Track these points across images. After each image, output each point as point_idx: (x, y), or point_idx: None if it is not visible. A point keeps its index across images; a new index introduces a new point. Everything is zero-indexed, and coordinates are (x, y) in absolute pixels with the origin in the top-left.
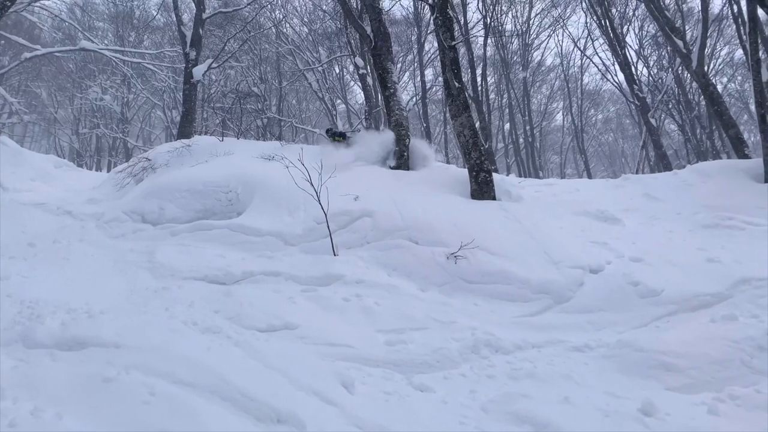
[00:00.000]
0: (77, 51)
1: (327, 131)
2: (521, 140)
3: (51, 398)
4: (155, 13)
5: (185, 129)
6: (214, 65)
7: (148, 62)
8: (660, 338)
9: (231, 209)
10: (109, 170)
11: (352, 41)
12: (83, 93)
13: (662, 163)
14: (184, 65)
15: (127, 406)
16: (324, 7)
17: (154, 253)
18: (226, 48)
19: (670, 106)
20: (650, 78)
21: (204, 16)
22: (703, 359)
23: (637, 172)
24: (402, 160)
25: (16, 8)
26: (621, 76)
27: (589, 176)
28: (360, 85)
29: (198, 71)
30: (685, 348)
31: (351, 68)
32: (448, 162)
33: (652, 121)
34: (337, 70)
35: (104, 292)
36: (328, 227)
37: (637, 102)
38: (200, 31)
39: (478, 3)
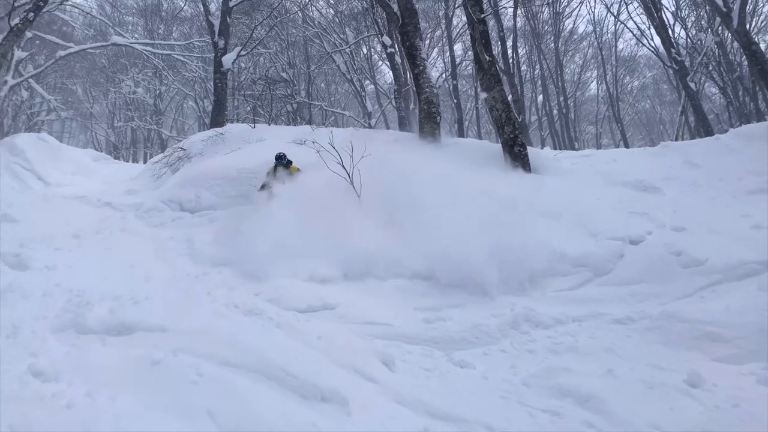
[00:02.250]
0: (109, 46)
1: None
2: (555, 112)
3: (103, 381)
4: (183, 4)
5: (217, 118)
6: (242, 53)
7: (178, 54)
8: (705, 308)
9: (265, 194)
10: (145, 161)
11: (379, 20)
12: (117, 87)
13: (703, 128)
14: (213, 55)
15: (176, 387)
16: None
17: (193, 240)
18: (253, 35)
19: (710, 68)
20: (688, 40)
21: (231, 4)
22: (751, 329)
23: (676, 139)
24: (433, 138)
25: (49, 8)
26: (657, 40)
27: (626, 146)
28: (388, 64)
29: (227, 60)
30: (731, 318)
31: (379, 48)
32: (480, 137)
33: (692, 85)
34: (365, 51)
35: (147, 279)
36: (360, 205)
37: (675, 66)
38: (228, 19)
39: None
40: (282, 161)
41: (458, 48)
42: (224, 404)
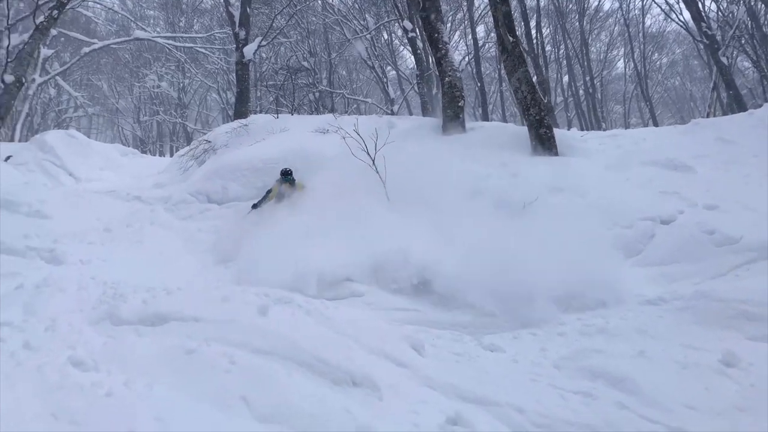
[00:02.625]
0: (132, 41)
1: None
2: (581, 92)
3: (140, 370)
4: None
5: (241, 109)
6: (263, 43)
7: (200, 46)
8: (740, 287)
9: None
10: (171, 155)
11: (399, 5)
12: (141, 82)
13: (736, 103)
14: (234, 46)
15: (210, 374)
16: None
17: (221, 231)
18: (273, 24)
19: (743, 41)
20: (719, 13)
21: None
22: None
23: (708, 116)
24: (456, 122)
25: (72, 5)
26: (687, 14)
27: (656, 124)
28: (410, 49)
29: (248, 50)
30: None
31: (399, 33)
32: (505, 120)
33: (723, 59)
34: (386, 36)
35: (178, 270)
36: (387, 195)
37: (705, 40)
38: (248, 9)
39: None
40: (288, 177)
41: (480, 30)
42: (258, 391)
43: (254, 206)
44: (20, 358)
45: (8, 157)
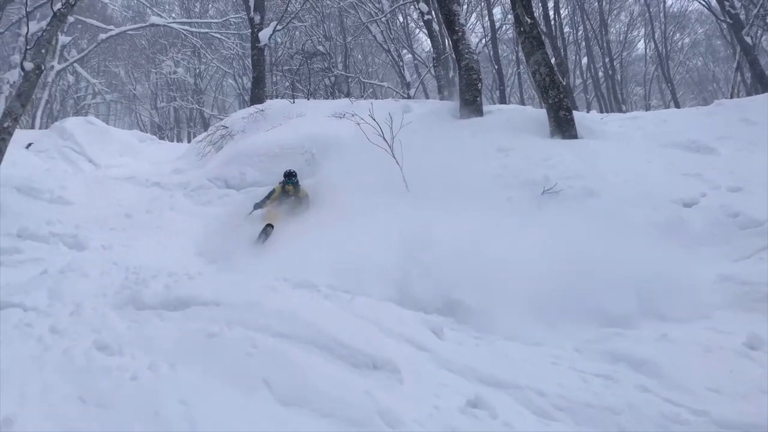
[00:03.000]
0: (148, 27)
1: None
2: (600, 74)
3: (163, 353)
4: None
5: (257, 94)
6: (278, 27)
7: (215, 31)
8: (764, 270)
9: (308, 170)
10: (189, 141)
11: None
12: (158, 68)
13: (760, 84)
14: (249, 31)
15: (232, 358)
16: None
17: (241, 216)
18: (288, 8)
19: None
20: None
21: None
22: None
23: (731, 97)
24: (474, 106)
25: None
26: None
27: (677, 106)
28: (426, 32)
29: (264, 35)
30: None
31: (415, 15)
32: (523, 103)
33: (747, 39)
34: (401, 19)
35: (199, 255)
36: (404, 180)
37: (728, 20)
38: None
39: None
40: (292, 180)
41: (497, 11)
42: (280, 374)
43: (256, 206)
44: (47, 342)
45: (29, 144)
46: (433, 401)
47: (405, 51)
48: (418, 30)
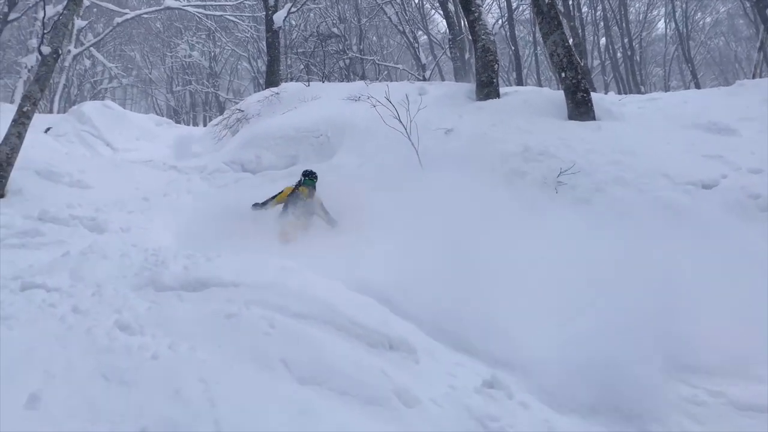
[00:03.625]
0: (163, 10)
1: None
2: (619, 55)
3: (183, 334)
4: None
5: (272, 77)
6: (292, 9)
7: (230, 14)
8: None
9: (323, 153)
10: (205, 124)
11: None
12: (173, 51)
13: None
14: (264, 13)
15: (250, 337)
16: None
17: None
18: None
19: None
20: None
21: None
22: None
23: (753, 77)
24: (490, 87)
25: None
26: None
27: (698, 87)
28: (441, 13)
29: (278, 17)
30: None
31: None
32: (540, 85)
33: None
34: (416, 0)
35: (216, 237)
36: (420, 162)
37: None
38: None
39: None
40: (312, 180)
41: None
42: (297, 353)
43: (255, 206)
44: (70, 322)
45: (48, 129)
46: (449, 381)
47: (420, 32)
48: (433, 11)
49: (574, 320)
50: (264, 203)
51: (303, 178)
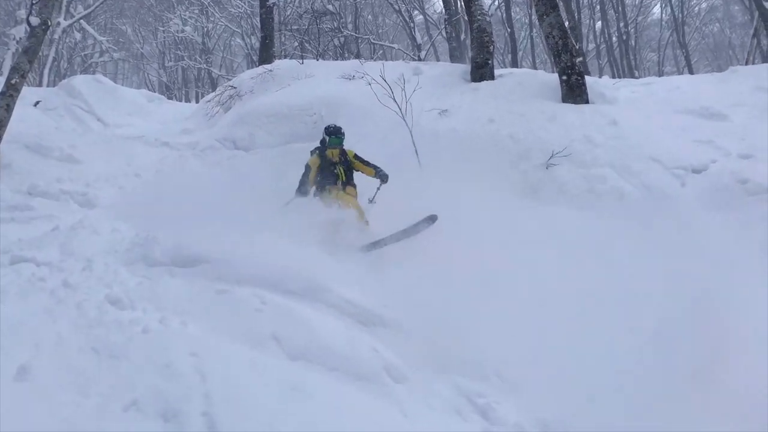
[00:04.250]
0: None
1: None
2: (614, 39)
3: (174, 309)
4: None
5: (265, 54)
6: None
7: None
8: None
9: (316, 132)
10: (197, 101)
11: None
12: (165, 26)
13: None
14: None
15: (241, 314)
16: None
17: (250, 176)
18: None
19: None
20: None
21: None
22: None
23: (746, 64)
24: (485, 69)
25: None
26: None
27: (691, 72)
28: None
29: None
30: None
31: None
32: (535, 68)
33: (766, 4)
34: None
35: (208, 214)
36: (414, 143)
37: None
38: None
39: None
40: (339, 138)
41: None
42: (289, 330)
43: (300, 192)
44: (60, 296)
45: (37, 102)
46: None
47: (416, 12)
48: None
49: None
50: (302, 188)
51: (327, 138)
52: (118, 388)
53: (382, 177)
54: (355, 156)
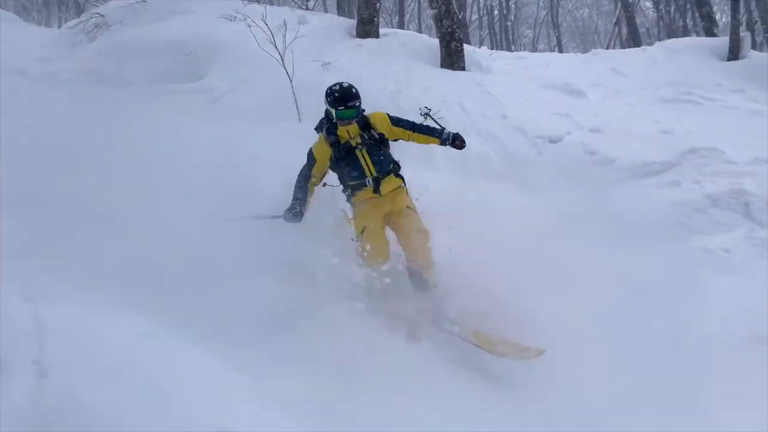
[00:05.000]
0: None
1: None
2: (496, 12)
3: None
4: None
5: None
6: None
7: None
8: (608, 200)
9: (191, 72)
10: (59, 27)
11: None
12: None
13: (633, 39)
14: None
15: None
16: None
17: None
18: None
19: None
20: None
21: None
22: (645, 218)
23: (607, 48)
24: (371, 26)
25: None
26: None
27: (560, 51)
28: None
29: None
30: (629, 208)
31: None
32: (420, 32)
33: None
34: None
35: None
36: (294, 93)
37: None
38: None
39: None
40: (352, 109)
41: None
42: None
43: (295, 203)
44: None
45: None
46: None
47: None
48: None
49: None
50: (301, 192)
51: (335, 110)
52: None
53: (456, 140)
54: (393, 122)
